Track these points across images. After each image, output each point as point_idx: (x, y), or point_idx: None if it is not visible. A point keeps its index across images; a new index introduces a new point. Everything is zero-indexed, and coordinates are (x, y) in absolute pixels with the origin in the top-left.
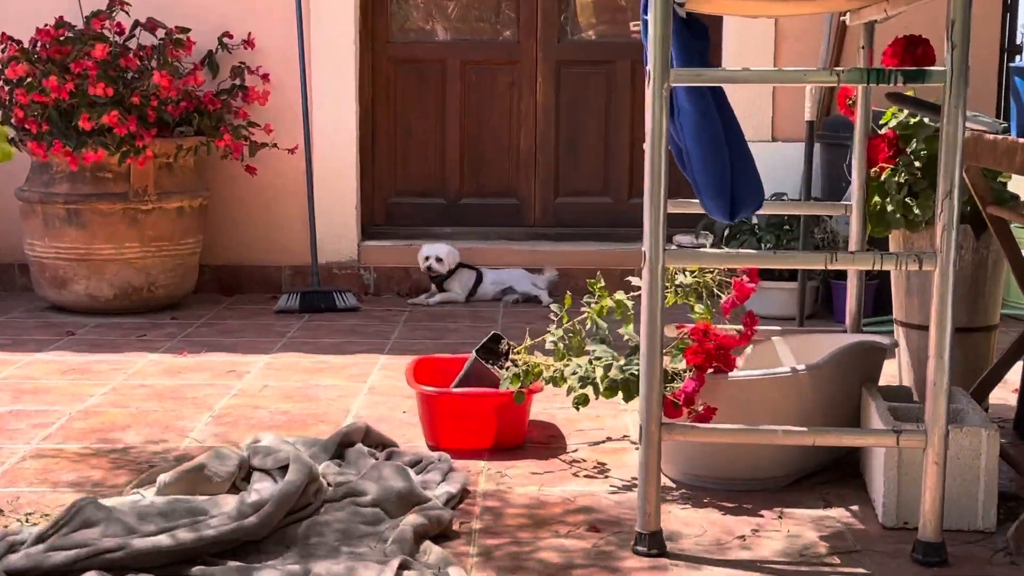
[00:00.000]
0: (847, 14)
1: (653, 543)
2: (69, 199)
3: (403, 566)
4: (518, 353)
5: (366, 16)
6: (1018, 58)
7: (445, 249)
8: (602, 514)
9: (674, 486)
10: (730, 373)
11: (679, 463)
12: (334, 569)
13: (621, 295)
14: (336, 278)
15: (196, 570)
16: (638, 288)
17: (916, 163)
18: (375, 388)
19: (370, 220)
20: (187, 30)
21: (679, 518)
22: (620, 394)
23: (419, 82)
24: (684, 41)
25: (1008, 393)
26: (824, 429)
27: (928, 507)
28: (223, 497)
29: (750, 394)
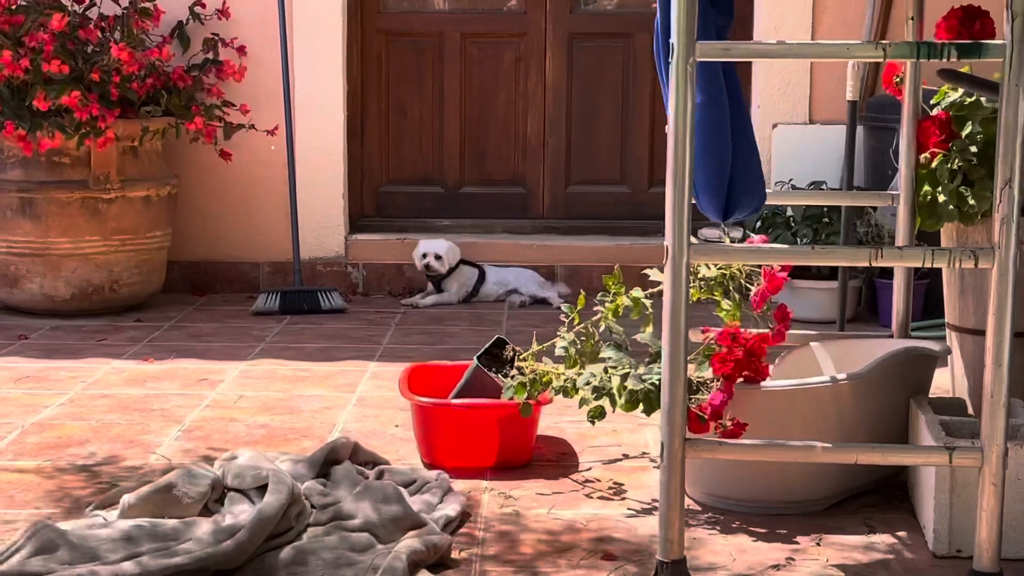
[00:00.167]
0: None
1: (676, 573)
2: (22, 187)
3: None
4: (524, 360)
5: None
6: None
7: (445, 245)
8: (619, 540)
9: (700, 509)
10: (762, 383)
11: (705, 484)
12: None
13: (637, 292)
14: (321, 276)
15: None
16: (656, 284)
17: (971, 148)
18: (364, 399)
19: (359, 211)
20: None
21: (705, 545)
22: (639, 406)
23: (414, 57)
24: (704, 14)
25: None
26: (868, 446)
27: (984, 533)
28: (194, 520)
29: (785, 407)
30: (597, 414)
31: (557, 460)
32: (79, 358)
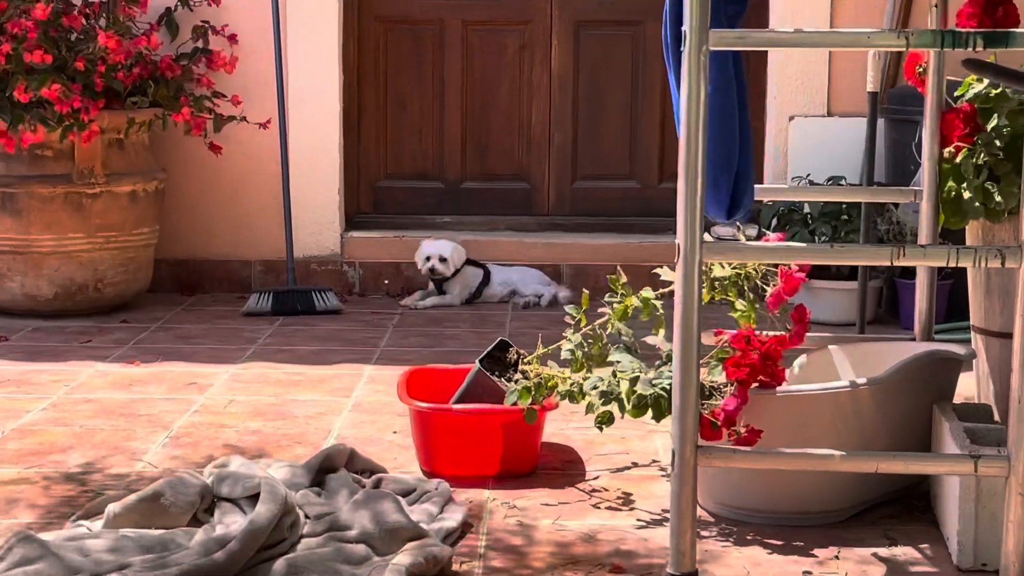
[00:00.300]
0: None
1: None
2: (2, 181)
3: None
4: (529, 363)
5: None
6: None
7: (449, 247)
8: (627, 553)
9: (712, 520)
10: (778, 388)
11: (718, 493)
12: None
13: (647, 292)
14: (315, 275)
15: None
16: (667, 283)
17: (997, 142)
18: (361, 404)
19: (355, 207)
20: None
21: (718, 559)
22: (649, 412)
23: (413, 45)
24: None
25: None
26: (889, 454)
27: (1011, 546)
28: (183, 531)
29: (802, 413)
30: (605, 420)
31: (563, 468)
32: (62, 361)
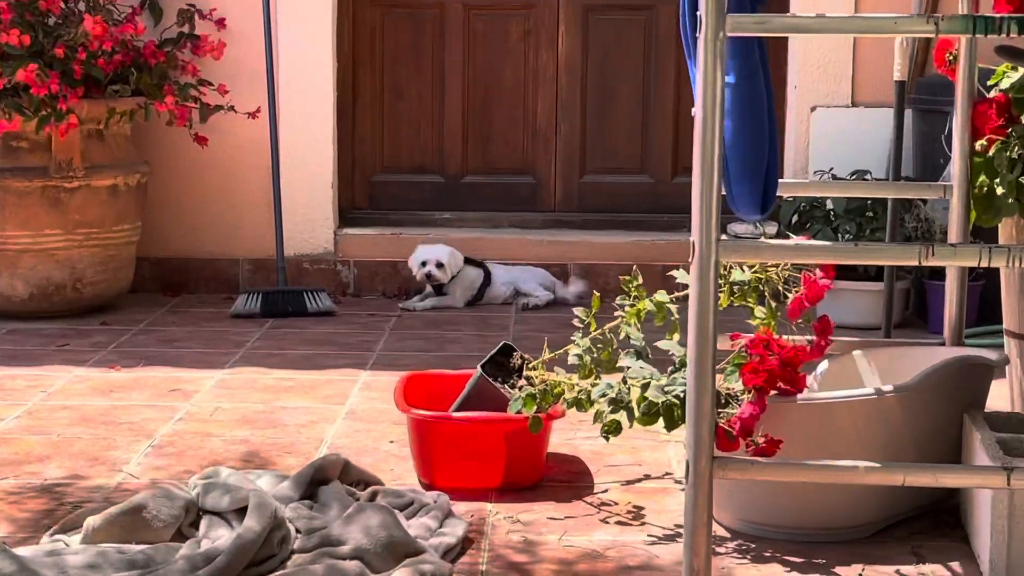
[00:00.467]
0: None
1: None
2: None
3: None
4: (534, 369)
5: None
6: None
7: (447, 252)
8: (639, 570)
9: (728, 536)
10: (799, 396)
11: (735, 507)
12: None
13: (662, 295)
14: (307, 274)
15: None
16: (682, 287)
17: None
18: (355, 412)
19: (350, 203)
20: None
21: None
22: (661, 421)
23: (412, 31)
24: None
25: None
26: (916, 466)
27: None
28: (167, 546)
29: (824, 422)
30: (612, 429)
31: (570, 481)
32: (38, 365)
